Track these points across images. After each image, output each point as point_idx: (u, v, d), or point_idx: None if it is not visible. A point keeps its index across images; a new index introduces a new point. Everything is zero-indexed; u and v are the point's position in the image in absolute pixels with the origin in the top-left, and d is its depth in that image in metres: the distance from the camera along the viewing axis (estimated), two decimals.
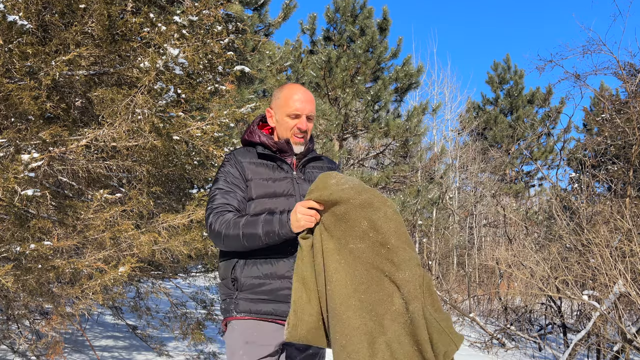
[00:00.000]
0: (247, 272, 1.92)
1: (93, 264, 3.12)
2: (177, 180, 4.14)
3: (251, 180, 1.99)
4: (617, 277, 5.28)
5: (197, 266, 5.97)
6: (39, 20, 2.91)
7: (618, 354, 5.58)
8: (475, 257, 13.98)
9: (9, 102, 2.60)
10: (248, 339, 1.90)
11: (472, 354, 7.03)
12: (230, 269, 1.94)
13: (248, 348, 1.89)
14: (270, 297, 1.90)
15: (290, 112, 2.02)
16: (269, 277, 1.90)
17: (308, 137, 2.09)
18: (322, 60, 11.96)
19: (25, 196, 2.49)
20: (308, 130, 2.06)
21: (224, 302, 1.99)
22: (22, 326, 4.77)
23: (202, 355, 5.53)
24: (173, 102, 3.14)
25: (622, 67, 7.85)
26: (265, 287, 1.90)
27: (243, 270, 1.92)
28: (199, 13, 3.38)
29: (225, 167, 2.02)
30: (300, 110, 2.02)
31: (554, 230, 8.99)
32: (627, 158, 8.00)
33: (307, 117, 2.04)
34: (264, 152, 2.04)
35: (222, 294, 2.02)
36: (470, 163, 17.71)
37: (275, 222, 1.80)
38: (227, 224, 1.85)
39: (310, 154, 2.13)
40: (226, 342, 2.00)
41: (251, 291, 1.91)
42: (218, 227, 1.87)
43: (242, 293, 1.92)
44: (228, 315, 1.97)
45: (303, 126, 2.03)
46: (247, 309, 1.91)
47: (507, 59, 21.93)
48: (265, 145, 2.05)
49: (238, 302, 1.92)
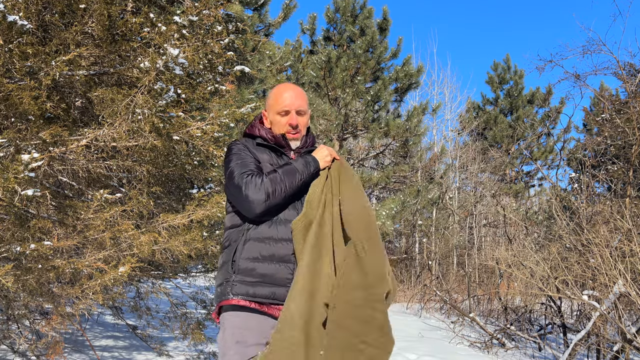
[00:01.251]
0: (246, 254, 1.90)
1: (93, 264, 3.12)
2: (177, 180, 4.14)
3: (260, 162, 2.01)
4: (617, 277, 5.28)
5: (197, 266, 5.96)
6: (39, 20, 2.91)
7: (618, 354, 5.58)
8: (475, 257, 13.98)
9: (9, 102, 2.60)
10: (238, 338, 1.88)
11: (472, 354, 7.04)
12: (233, 252, 1.93)
13: (238, 348, 1.88)
14: (267, 280, 1.89)
15: (279, 109, 2.07)
16: (267, 259, 1.89)
17: (303, 131, 2.12)
18: (322, 60, 11.96)
19: (25, 196, 2.49)
20: (300, 124, 2.09)
21: (220, 286, 1.96)
22: (22, 326, 4.77)
23: (202, 355, 5.53)
24: (173, 102, 3.14)
25: (622, 67, 7.85)
26: (262, 270, 1.89)
27: (242, 252, 1.91)
28: (199, 13, 3.38)
29: (235, 149, 2.04)
30: (288, 106, 2.06)
31: (554, 230, 8.99)
32: (627, 158, 8.00)
33: (297, 112, 2.07)
34: (262, 143, 2.08)
35: (219, 279, 1.99)
36: (470, 163, 17.70)
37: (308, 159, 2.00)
38: (262, 183, 1.89)
39: (309, 147, 2.15)
40: (218, 342, 1.99)
41: (248, 273, 1.89)
42: (253, 190, 1.87)
43: (239, 275, 1.90)
44: (223, 298, 1.93)
45: (293, 121, 2.06)
46: (244, 291, 1.88)
47: (507, 59, 21.94)
48: (264, 139, 2.09)
49: (235, 284, 1.89)
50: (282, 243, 1.91)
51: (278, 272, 1.89)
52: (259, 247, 1.90)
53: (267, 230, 1.91)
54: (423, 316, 10.53)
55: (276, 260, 1.89)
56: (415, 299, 11.68)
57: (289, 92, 2.09)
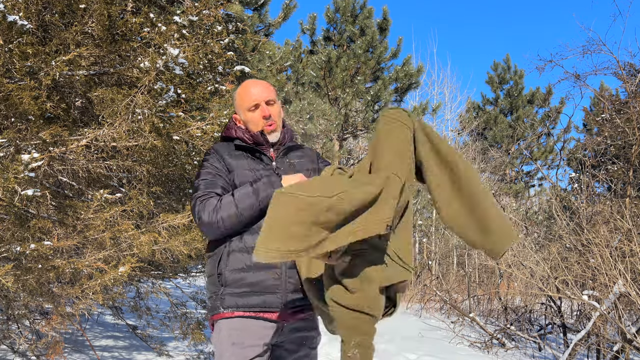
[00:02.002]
0: (232, 265, 1.86)
1: (93, 264, 3.12)
2: (177, 180, 4.14)
3: (234, 171, 1.97)
4: (617, 277, 5.28)
5: (197, 266, 5.96)
6: (39, 20, 2.91)
7: (618, 354, 5.58)
8: (475, 257, 13.98)
9: (9, 102, 2.60)
10: (234, 340, 1.85)
11: (472, 353, 7.04)
12: (217, 263, 1.89)
13: (235, 349, 1.84)
14: (256, 289, 1.85)
15: (248, 105, 2.01)
16: (253, 268, 1.85)
17: (278, 121, 2.06)
18: (322, 60, 11.96)
19: (25, 196, 2.49)
20: (273, 115, 2.03)
21: (210, 299, 1.93)
22: (22, 326, 4.77)
23: (202, 355, 5.53)
24: (173, 102, 3.14)
25: (622, 67, 7.85)
26: (250, 279, 1.85)
27: (227, 264, 1.87)
28: (199, 13, 3.38)
29: (208, 161, 1.99)
30: (256, 99, 2.01)
31: (554, 230, 9.00)
32: (627, 158, 8.00)
33: (267, 103, 2.02)
34: (241, 145, 2.03)
35: (208, 291, 1.96)
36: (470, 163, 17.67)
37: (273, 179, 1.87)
38: (215, 207, 1.83)
39: (290, 142, 2.10)
40: (213, 344, 1.95)
41: (236, 284, 1.85)
42: (207, 214, 1.83)
43: (227, 288, 1.86)
44: (215, 312, 1.90)
45: (266, 112, 2.00)
46: (234, 303, 1.86)
47: (507, 59, 21.93)
48: (242, 140, 2.04)
49: (224, 298, 1.86)
50: None
51: (266, 280, 1.85)
52: (244, 257, 1.85)
53: (250, 239, 1.86)
54: (423, 316, 10.53)
55: (263, 267, 1.84)
56: (415, 299, 11.69)
57: (254, 86, 2.04)
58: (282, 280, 1.86)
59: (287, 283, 1.87)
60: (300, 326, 1.94)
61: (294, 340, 1.94)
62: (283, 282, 1.86)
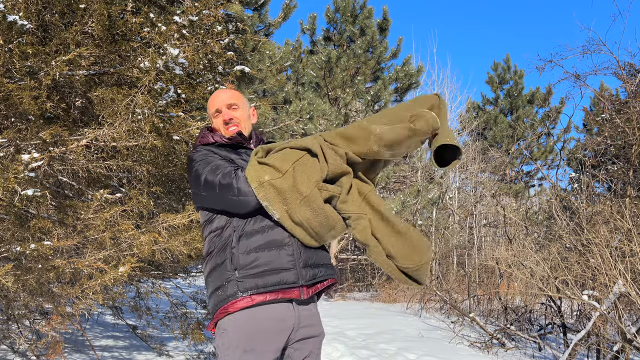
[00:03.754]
0: (243, 248, 1.83)
1: (93, 264, 3.12)
2: (177, 180, 4.14)
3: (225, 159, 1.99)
4: (617, 277, 5.28)
5: (197, 266, 5.97)
6: (39, 20, 2.91)
7: (618, 354, 5.58)
8: (475, 257, 13.98)
9: (9, 102, 2.60)
10: (246, 346, 1.79)
11: (472, 354, 7.03)
12: (226, 252, 1.85)
13: (249, 357, 1.78)
14: (272, 266, 1.82)
15: (212, 113, 2.11)
16: (266, 246, 1.83)
17: (244, 124, 2.10)
18: (322, 60, 11.96)
19: (25, 196, 2.49)
20: (234, 117, 2.08)
21: (219, 289, 1.85)
22: (22, 326, 4.77)
23: (202, 355, 5.53)
24: (173, 102, 3.15)
25: (622, 67, 7.85)
26: (264, 258, 1.82)
27: (239, 248, 1.83)
28: (199, 13, 3.38)
29: (198, 157, 1.97)
30: (217, 105, 2.09)
31: (554, 230, 8.99)
32: (627, 158, 8.00)
33: (228, 107, 2.08)
34: (222, 143, 2.06)
35: (214, 284, 1.88)
36: (470, 163, 17.70)
37: None
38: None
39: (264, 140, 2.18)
40: (217, 348, 1.87)
41: (250, 265, 1.81)
42: (244, 184, 1.82)
43: (241, 271, 1.81)
44: (230, 299, 1.81)
45: (226, 116, 2.07)
46: (254, 284, 1.80)
47: (507, 59, 21.95)
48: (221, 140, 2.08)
49: (242, 280, 1.80)
50: (277, 229, 1.84)
51: (280, 257, 1.83)
52: (255, 238, 1.83)
53: (260, 220, 1.85)
54: (423, 316, 10.53)
55: (275, 246, 1.83)
56: (415, 299, 11.68)
57: (219, 94, 2.13)
58: (294, 256, 1.85)
59: (299, 259, 1.86)
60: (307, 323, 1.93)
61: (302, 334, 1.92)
62: (296, 258, 1.85)
